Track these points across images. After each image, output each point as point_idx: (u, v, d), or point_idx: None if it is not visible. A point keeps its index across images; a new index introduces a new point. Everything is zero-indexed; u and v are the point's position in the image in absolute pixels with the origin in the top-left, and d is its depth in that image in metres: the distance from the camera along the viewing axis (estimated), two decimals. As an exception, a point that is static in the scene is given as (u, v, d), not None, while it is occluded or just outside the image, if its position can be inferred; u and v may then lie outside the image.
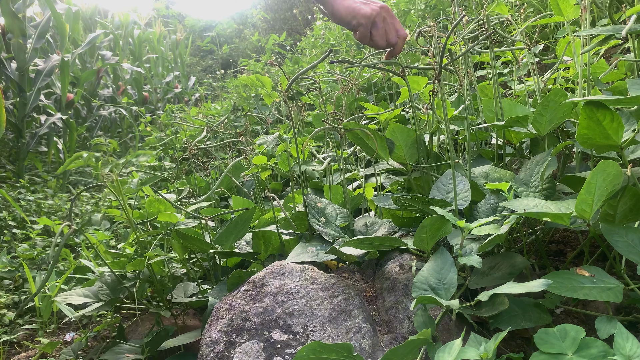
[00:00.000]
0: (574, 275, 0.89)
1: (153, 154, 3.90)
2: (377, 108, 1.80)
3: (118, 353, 1.30)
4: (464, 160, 1.50)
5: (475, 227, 0.97)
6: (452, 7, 1.61)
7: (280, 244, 1.45)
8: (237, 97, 4.20)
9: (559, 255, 1.39)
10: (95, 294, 1.44)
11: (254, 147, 1.92)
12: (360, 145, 1.39)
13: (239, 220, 1.38)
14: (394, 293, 1.11)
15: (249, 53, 8.73)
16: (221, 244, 1.41)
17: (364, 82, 3.02)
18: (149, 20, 9.55)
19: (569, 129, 1.39)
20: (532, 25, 2.23)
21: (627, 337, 0.72)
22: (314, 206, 1.37)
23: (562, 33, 1.94)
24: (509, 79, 2.22)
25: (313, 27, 5.61)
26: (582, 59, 1.33)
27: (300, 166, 1.53)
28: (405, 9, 3.64)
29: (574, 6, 1.31)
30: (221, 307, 1.12)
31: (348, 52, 3.91)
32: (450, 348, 0.76)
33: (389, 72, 1.55)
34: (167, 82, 8.23)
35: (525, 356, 0.95)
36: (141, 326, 1.53)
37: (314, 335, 1.00)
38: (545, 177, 1.14)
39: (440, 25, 2.25)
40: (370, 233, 1.32)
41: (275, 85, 2.59)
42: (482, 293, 0.88)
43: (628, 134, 0.97)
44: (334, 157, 1.75)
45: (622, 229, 0.91)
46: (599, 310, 1.08)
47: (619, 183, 0.88)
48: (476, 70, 2.45)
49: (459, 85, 1.51)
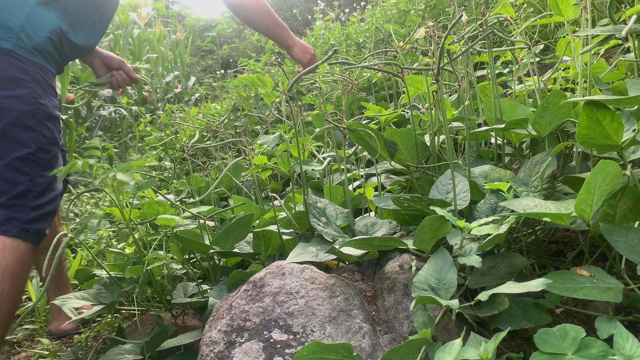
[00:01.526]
0: (574, 275, 0.89)
1: (153, 154, 3.90)
2: (378, 108, 1.80)
3: (118, 353, 1.30)
4: (463, 160, 1.50)
5: (475, 227, 0.97)
6: (452, 7, 1.61)
7: (280, 244, 1.45)
8: (237, 97, 4.20)
9: (559, 255, 1.39)
10: (94, 297, 1.43)
11: (254, 147, 1.93)
12: (362, 145, 1.39)
13: (237, 223, 1.37)
14: (394, 293, 1.11)
15: (249, 53, 8.73)
16: (220, 246, 1.41)
17: (364, 82, 3.02)
18: (149, 20, 9.54)
19: (569, 129, 1.39)
20: (532, 25, 2.23)
21: (627, 337, 0.72)
22: (315, 206, 1.37)
23: (562, 33, 1.93)
24: (508, 79, 2.22)
25: (313, 27, 5.61)
26: (582, 59, 1.33)
27: (301, 166, 1.53)
28: (405, 9, 3.64)
29: (574, 6, 1.31)
30: (221, 307, 1.12)
31: (348, 52, 3.91)
32: (450, 348, 0.76)
33: (390, 74, 1.55)
34: (167, 82, 8.22)
35: (525, 356, 0.96)
36: (141, 327, 1.53)
37: (313, 335, 1.00)
38: (545, 177, 1.14)
39: (440, 25, 2.25)
40: (370, 233, 1.32)
41: (275, 85, 2.59)
42: (482, 293, 0.88)
43: (628, 134, 0.97)
44: (334, 157, 1.75)
45: (622, 229, 0.91)
46: (599, 310, 1.08)
47: (619, 183, 0.88)
48: (476, 70, 2.45)
49: (458, 85, 1.51)
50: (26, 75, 1.35)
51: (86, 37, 1.57)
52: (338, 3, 7.45)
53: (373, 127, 1.36)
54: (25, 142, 1.35)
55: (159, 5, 10.83)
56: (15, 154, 1.33)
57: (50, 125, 1.41)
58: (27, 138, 1.35)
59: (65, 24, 1.45)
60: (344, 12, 6.19)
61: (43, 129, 1.38)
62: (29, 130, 1.35)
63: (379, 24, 3.69)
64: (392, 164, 1.48)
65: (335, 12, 5.56)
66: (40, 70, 1.40)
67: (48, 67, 1.43)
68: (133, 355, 1.28)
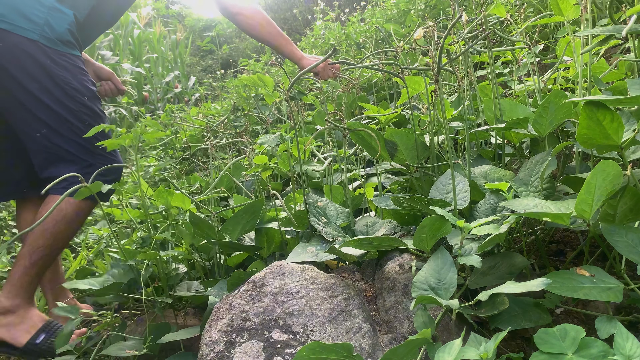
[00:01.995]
0: (574, 275, 0.89)
1: (153, 154, 3.89)
2: (377, 109, 1.80)
3: (119, 349, 1.31)
4: (463, 160, 1.50)
5: (475, 227, 0.97)
6: (452, 7, 1.61)
7: (282, 242, 1.46)
8: (237, 97, 4.20)
9: (559, 255, 1.39)
10: (101, 284, 1.46)
11: (255, 146, 1.93)
12: (363, 145, 1.40)
13: (247, 209, 1.40)
14: (394, 293, 1.11)
15: (249, 53, 8.73)
16: (228, 233, 1.45)
17: (364, 81, 3.02)
18: (149, 20, 9.54)
19: (569, 129, 1.39)
20: (532, 25, 2.23)
21: (627, 337, 0.72)
22: (315, 206, 1.37)
23: (562, 33, 1.94)
24: (508, 79, 2.22)
25: (313, 27, 5.61)
26: (582, 59, 1.33)
27: (301, 166, 1.53)
28: (405, 9, 3.64)
29: (574, 6, 1.31)
30: (221, 307, 1.13)
31: (348, 52, 3.91)
32: (450, 348, 0.76)
33: (390, 74, 1.55)
34: (167, 82, 8.22)
35: (525, 356, 0.96)
36: (142, 326, 1.53)
37: (314, 335, 1.00)
38: (545, 177, 1.14)
39: (440, 25, 2.25)
40: (371, 233, 1.32)
41: (275, 85, 2.59)
42: (482, 293, 0.88)
43: (628, 133, 0.97)
44: (334, 157, 1.75)
45: (622, 229, 0.91)
46: (599, 310, 1.08)
47: (619, 183, 0.88)
48: (476, 70, 2.45)
49: (458, 85, 1.51)
50: (53, 63, 1.55)
51: (91, 31, 1.81)
52: (338, 3, 7.45)
53: (373, 127, 1.36)
54: (72, 120, 1.57)
55: (159, 5, 10.83)
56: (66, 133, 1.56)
57: (88, 102, 1.61)
58: (71, 117, 1.57)
59: (79, 16, 1.68)
60: (344, 12, 6.19)
61: (82, 107, 1.59)
62: (71, 111, 1.57)
63: (379, 24, 3.69)
64: (392, 164, 1.48)
65: (335, 12, 5.56)
66: (65, 57, 1.59)
67: (72, 52, 1.63)
68: (133, 352, 1.28)
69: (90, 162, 1.59)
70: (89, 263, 2.24)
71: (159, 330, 1.33)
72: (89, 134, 1.46)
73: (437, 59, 1.12)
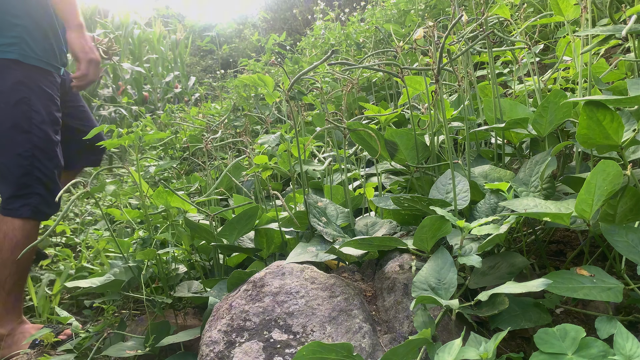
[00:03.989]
0: (574, 275, 0.89)
1: (153, 154, 3.89)
2: (377, 108, 1.80)
3: (119, 349, 1.31)
4: (463, 160, 1.50)
5: (475, 227, 0.97)
6: (452, 7, 1.61)
7: (282, 242, 1.46)
8: (237, 97, 4.20)
9: (559, 255, 1.39)
10: (102, 283, 1.47)
11: (255, 147, 1.93)
12: (363, 145, 1.39)
13: (242, 215, 1.40)
14: (394, 293, 1.11)
15: (249, 53, 8.73)
16: (225, 237, 1.44)
17: (364, 81, 3.02)
18: (149, 20, 9.54)
19: (569, 129, 1.39)
20: (532, 25, 2.23)
21: (627, 337, 0.72)
22: (315, 206, 1.37)
23: (562, 33, 1.94)
24: (509, 79, 2.22)
25: (313, 26, 5.61)
26: (582, 59, 1.33)
27: (301, 166, 1.53)
28: (405, 9, 3.64)
29: (574, 6, 1.31)
30: (221, 307, 1.12)
31: (348, 52, 3.91)
32: (450, 348, 0.76)
33: (390, 74, 1.55)
34: (167, 82, 8.22)
35: (525, 356, 0.95)
36: (142, 326, 1.53)
37: (313, 335, 1.00)
38: (545, 177, 1.14)
39: (441, 25, 2.25)
40: (371, 233, 1.32)
41: (276, 85, 2.59)
42: (482, 293, 0.88)
43: (628, 133, 0.97)
44: (334, 157, 1.75)
45: (622, 229, 0.91)
46: (599, 310, 1.08)
47: (619, 183, 0.88)
48: (476, 70, 2.45)
49: (458, 85, 1.51)
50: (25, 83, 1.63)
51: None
52: (338, 3, 7.45)
53: (373, 127, 1.36)
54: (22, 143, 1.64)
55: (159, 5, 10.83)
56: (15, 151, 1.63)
57: (44, 127, 1.68)
58: (22, 139, 1.64)
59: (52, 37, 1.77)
60: (344, 12, 6.19)
61: (36, 130, 1.67)
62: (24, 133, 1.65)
63: (379, 24, 3.69)
64: (392, 164, 1.48)
65: (335, 12, 5.56)
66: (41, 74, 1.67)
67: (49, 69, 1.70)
68: (134, 352, 1.28)
69: (28, 184, 1.65)
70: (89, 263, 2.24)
71: (160, 328, 1.33)
72: (88, 136, 1.54)
73: (438, 59, 1.12)
